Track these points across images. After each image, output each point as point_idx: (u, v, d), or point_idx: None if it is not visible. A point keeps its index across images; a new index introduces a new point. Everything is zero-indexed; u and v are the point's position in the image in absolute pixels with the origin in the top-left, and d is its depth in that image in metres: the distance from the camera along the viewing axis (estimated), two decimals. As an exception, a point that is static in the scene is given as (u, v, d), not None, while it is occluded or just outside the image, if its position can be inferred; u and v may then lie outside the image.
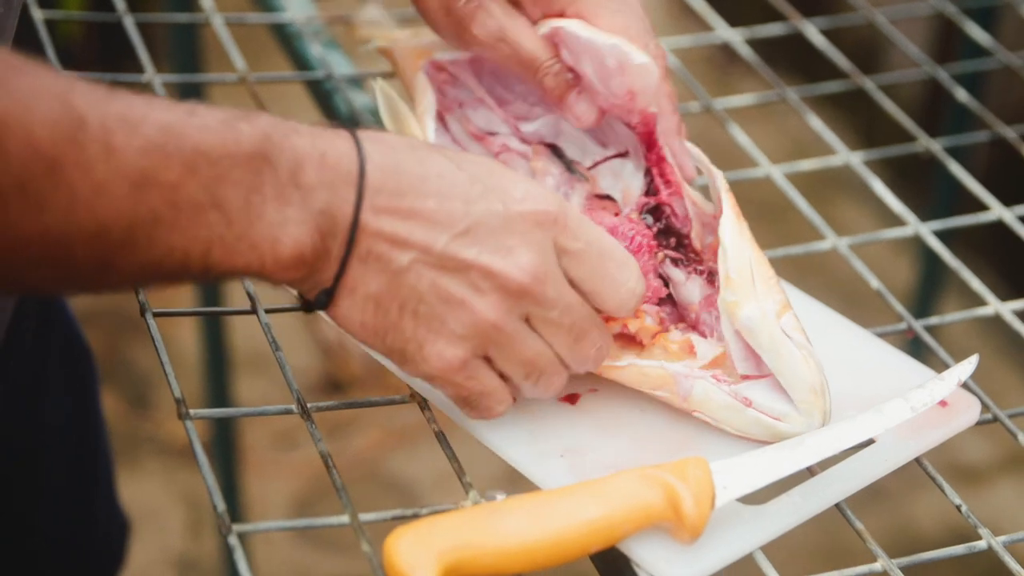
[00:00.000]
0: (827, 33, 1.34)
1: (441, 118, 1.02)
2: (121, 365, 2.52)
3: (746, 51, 1.32)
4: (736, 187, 0.97)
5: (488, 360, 0.85)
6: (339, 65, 1.23)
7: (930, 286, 2.32)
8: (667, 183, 0.97)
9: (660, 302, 0.95)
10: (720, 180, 0.94)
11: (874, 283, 1.09)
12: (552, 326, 0.85)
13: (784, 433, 0.90)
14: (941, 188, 2.24)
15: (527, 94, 1.03)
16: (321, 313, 0.85)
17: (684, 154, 0.97)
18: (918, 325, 1.05)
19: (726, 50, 1.61)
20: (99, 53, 2.97)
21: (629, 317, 0.91)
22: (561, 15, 0.97)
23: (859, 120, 2.86)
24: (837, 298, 2.61)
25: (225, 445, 2.04)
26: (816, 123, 1.23)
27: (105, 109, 0.73)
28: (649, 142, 0.97)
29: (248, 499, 2.22)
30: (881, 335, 1.03)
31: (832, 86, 1.31)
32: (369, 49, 1.11)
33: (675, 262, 0.96)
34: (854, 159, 1.20)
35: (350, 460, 2.37)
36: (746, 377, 0.92)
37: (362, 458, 2.39)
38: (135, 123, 0.73)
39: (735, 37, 1.33)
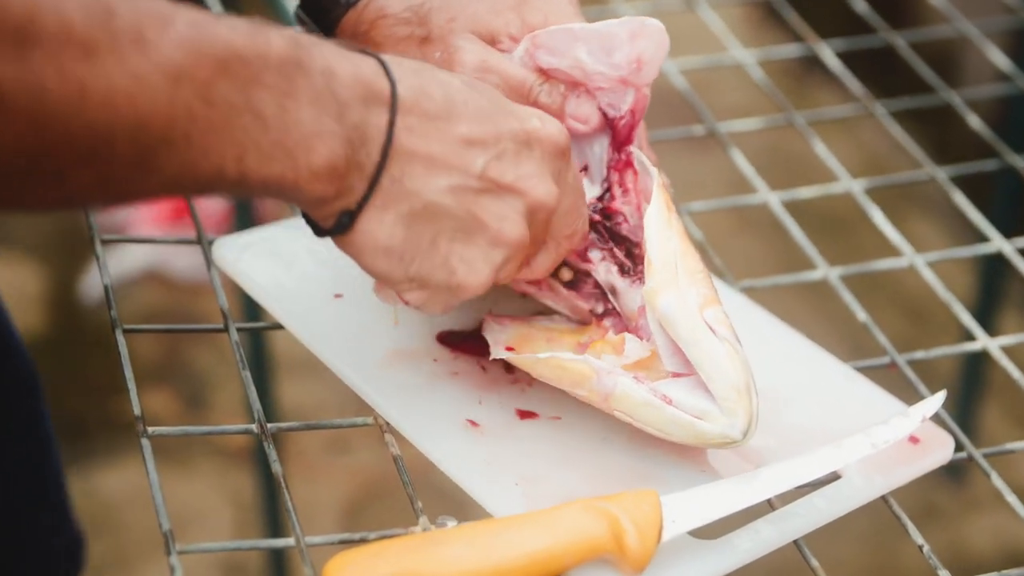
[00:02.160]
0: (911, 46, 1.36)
1: None
2: (178, 366, 2.55)
3: (758, 74, 1.31)
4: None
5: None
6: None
7: (987, 306, 2.29)
8: (624, 192, 0.96)
9: (602, 314, 0.95)
10: (656, 177, 0.93)
11: (861, 316, 1.07)
12: (556, 228, 0.89)
13: (705, 433, 0.88)
14: (1003, 209, 2.21)
15: None
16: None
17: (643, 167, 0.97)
18: (901, 359, 1.03)
19: (804, 62, 1.61)
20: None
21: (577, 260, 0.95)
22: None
23: (940, 134, 2.83)
24: (906, 316, 2.60)
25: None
26: (821, 149, 1.22)
27: (133, 3, 0.73)
28: (625, 138, 0.96)
29: (296, 505, 2.23)
30: (863, 369, 1.01)
31: (843, 110, 1.30)
32: None
33: (622, 270, 0.95)
34: (856, 187, 1.18)
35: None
36: (676, 375, 0.90)
37: (411, 465, 2.39)
38: (166, 18, 0.73)
39: (748, 59, 1.32)
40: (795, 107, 1.27)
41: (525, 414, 0.94)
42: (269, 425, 0.92)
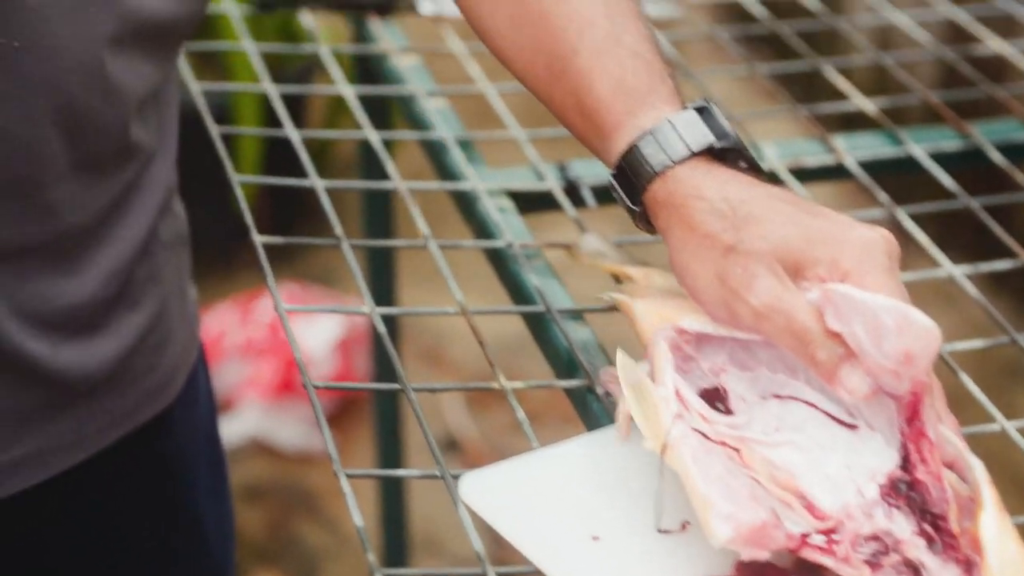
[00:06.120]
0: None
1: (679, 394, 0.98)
2: (289, 543, 2.51)
3: (971, 288, 1.28)
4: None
5: None
6: (557, 297, 1.20)
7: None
8: (924, 462, 0.93)
9: None
10: (980, 470, 0.91)
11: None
12: None
13: None
14: None
15: (771, 361, 0.99)
16: None
17: (942, 439, 0.94)
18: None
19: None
20: (273, 216, 3.01)
21: None
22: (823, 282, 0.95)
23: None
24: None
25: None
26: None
27: None
28: (912, 413, 0.94)
29: None
30: None
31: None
32: (604, 297, 1.09)
33: (930, 546, 0.92)
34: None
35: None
36: None
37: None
38: None
39: (956, 271, 1.30)
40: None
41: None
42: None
